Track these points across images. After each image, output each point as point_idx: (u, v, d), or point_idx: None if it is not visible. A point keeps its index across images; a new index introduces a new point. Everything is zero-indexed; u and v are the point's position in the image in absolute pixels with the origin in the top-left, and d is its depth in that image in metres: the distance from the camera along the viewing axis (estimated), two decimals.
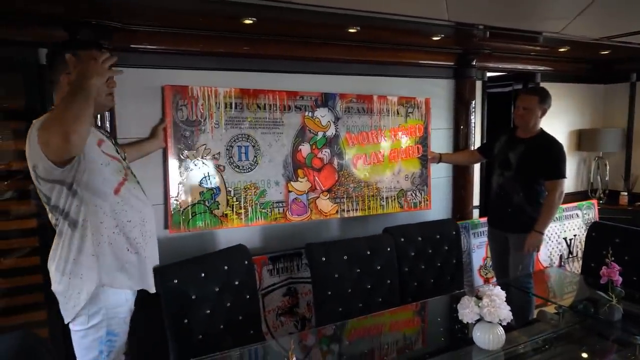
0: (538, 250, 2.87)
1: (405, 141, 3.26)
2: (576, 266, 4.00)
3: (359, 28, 2.60)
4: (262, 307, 2.70)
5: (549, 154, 2.80)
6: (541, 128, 2.91)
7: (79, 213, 1.66)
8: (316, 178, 2.96)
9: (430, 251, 2.78)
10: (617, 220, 4.14)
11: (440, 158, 3.37)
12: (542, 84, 3.97)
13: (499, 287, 1.77)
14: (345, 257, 2.44)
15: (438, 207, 3.51)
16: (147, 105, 2.53)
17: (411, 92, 3.29)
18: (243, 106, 2.70)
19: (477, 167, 3.68)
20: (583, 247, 3.93)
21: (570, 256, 4.02)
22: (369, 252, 2.51)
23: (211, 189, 2.65)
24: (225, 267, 2.20)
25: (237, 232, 2.76)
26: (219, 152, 2.66)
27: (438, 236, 2.82)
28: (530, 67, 3.87)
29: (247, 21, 2.36)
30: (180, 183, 2.56)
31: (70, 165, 1.59)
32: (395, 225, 2.76)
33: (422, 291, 2.68)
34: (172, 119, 2.53)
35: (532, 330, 2.07)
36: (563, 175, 2.78)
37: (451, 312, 2.19)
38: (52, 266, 1.72)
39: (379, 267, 2.52)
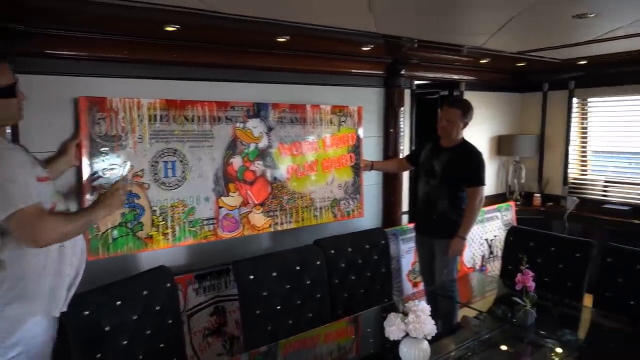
0: (461, 254, 2.98)
1: (338, 150, 3.25)
2: (496, 265, 4.23)
3: (288, 37, 2.55)
4: (187, 330, 2.57)
5: (470, 162, 2.92)
6: (463, 137, 3.02)
7: (4, 252, 1.61)
8: (248, 192, 2.85)
9: (360, 261, 2.79)
10: (532, 220, 4.46)
11: (372, 166, 3.40)
12: (466, 93, 4.16)
13: (424, 302, 1.80)
14: (274, 274, 2.38)
15: (369, 214, 3.55)
16: (58, 118, 2.29)
17: (343, 100, 3.29)
18: (169, 118, 2.53)
19: (405, 174, 3.77)
20: (502, 247, 4.19)
21: (491, 256, 4.25)
22: (298, 267, 2.47)
23: (134, 209, 2.45)
24: (145, 292, 2.06)
25: (163, 253, 2.60)
26: (143, 169, 2.47)
27: (367, 246, 2.84)
28: (454, 77, 4.03)
29: (170, 28, 2.22)
30: None
31: None
32: (326, 237, 2.75)
33: (353, 302, 2.69)
34: (87, 134, 2.30)
35: (456, 338, 2.15)
36: (483, 183, 2.91)
37: (381, 326, 2.21)
38: None
39: (308, 282, 2.48)
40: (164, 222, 2.54)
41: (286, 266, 2.43)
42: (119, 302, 1.94)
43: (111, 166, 2.37)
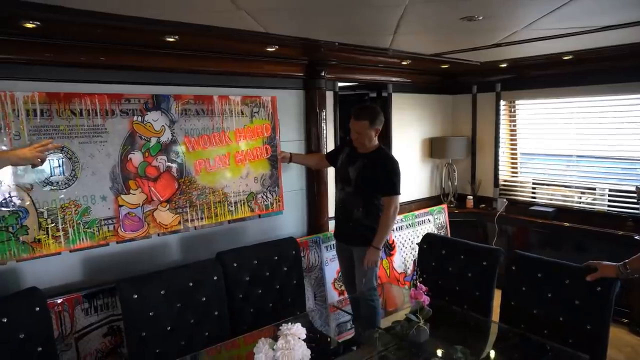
0: (376, 265, 2.89)
1: (252, 142, 3.12)
2: None
3: (177, 37, 2.38)
4: (76, 354, 2.38)
5: (384, 170, 2.82)
6: (379, 144, 2.93)
7: None
8: (152, 188, 2.71)
9: (267, 274, 2.66)
10: (465, 223, 4.44)
11: (290, 158, 3.28)
12: (394, 94, 4.09)
13: (299, 324, 1.69)
14: (162, 292, 2.22)
15: (292, 216, 3.45)
16: None
17: (256, 91, 3.14)
18: (52, 113, 2.35)
19: (331, 179, 3.65)
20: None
21: None
22: (191, 284, 2.31)
23: (15, 212, 2.28)
24: (4, 320, 1.87)
25: (55, 260, 2.43)
26: (23, 168, 2.29)
27: (276, 257, 2.71)
28: (380, 78, 3.95)
29: (29, 25, 2.01)
30: None
31: None
32: (229, 250, 2.60)
33: (260, 317, 2.55)
34: None
35: (350, 358, 2.05)
36: (397, 192, 2.82)
37: None
38: None
39: (204, 299, 2.34)
40: (54, 225, 2.40)
41: (177, 284, 2.28)
42: None
43: None
